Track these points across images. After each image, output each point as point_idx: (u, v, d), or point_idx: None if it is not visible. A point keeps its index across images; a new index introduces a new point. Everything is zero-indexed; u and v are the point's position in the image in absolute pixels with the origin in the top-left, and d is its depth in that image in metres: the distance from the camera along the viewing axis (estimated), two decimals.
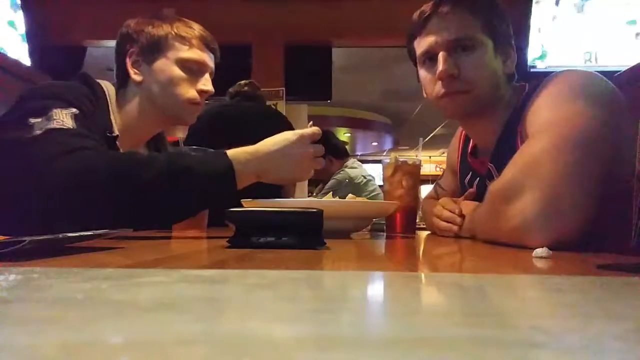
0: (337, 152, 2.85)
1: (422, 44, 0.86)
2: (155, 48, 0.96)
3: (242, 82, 1.85)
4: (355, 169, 2.87)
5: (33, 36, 3.26)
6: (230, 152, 0.77)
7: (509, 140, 0.82)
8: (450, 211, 0.90)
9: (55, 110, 0.77)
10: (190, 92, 0.96)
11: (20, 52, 3.05)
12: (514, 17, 1.01)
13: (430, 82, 0.86)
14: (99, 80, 0.97)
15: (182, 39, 0.96)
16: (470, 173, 0.96)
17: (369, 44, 3.93)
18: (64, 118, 0.77)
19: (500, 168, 0.84)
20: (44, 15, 3.39)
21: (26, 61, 3.12)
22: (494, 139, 0.87)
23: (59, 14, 3.48)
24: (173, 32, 0.96)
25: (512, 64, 0.87)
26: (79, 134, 0.77)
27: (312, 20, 3.50)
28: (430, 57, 0.85)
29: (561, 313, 0.21)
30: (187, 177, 0.72)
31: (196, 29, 1.00)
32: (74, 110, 0.80)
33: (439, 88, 0.84)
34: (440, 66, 0.81)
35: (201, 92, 0.98)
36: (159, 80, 0.96)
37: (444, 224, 0.91)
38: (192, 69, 0.97)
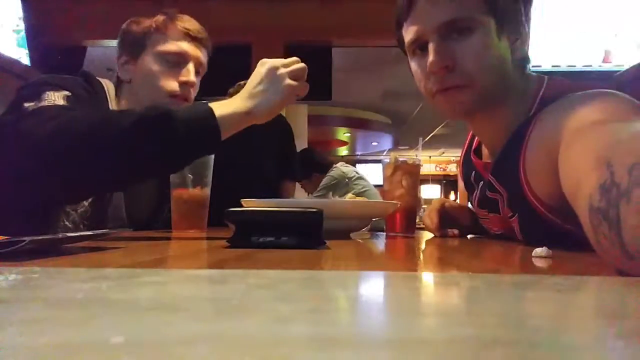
0: (322, 168, 2.83)
1: (409, 31, 0.73)
2: (138, 46, 0.97)
3: (242, 82, 1.86)
4: (347, 167, 2.89)
5: (33, 36, 3.26)
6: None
7: (514, 147, 0.69)
8: (429, 217, 0.95)
9: (47, 92, 0.79)
10: (170, 85, 0.96)
11: (20, 52, 3.06)
12: None
13: (422, 77, 0.73)
14: (99, 78, 0.98)
15: (160, 32, 0.96)
16: (474, 172, 0.89)
17: (369, 44, 3.93)
18: (55, 98, 0.79)
19: (501, 182, 0.75)
20: (44, 15, 3.38)
21: (26, 61, 3.12)
22: (501, 141, 0.74)
23: (59, 14, 3.48)
24: (153, 27, 0.97)
25: (524, 45, 0.73)
26: (67, 108, 0.78)
27: (312, 21, 3.51)
28: (420, 46, 0.73)
29: (562, 313, 0.21)
30: (167, 119, 0.69)
31: (178, 21, 0.98)
32: (66, 92, 0.81)
33: (432, 83, 0.71)
34: (430, 57, 0.68)
35: (182, 84, 0.97)
36: (142, 76, 0.97)
37: (426, 224, 0.97)
38: (172, 61, 0.96)
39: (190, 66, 0.98)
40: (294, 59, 0.80)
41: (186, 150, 0.73)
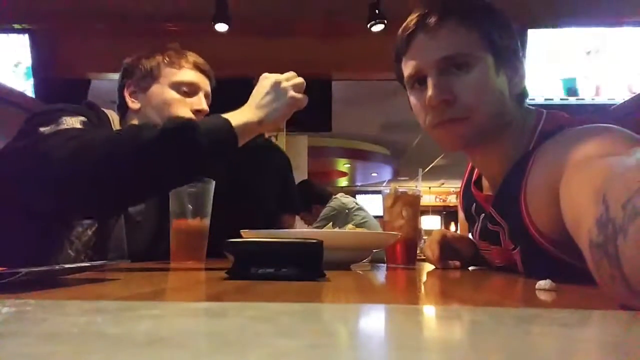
0: (322, 199, 2.85)
1: (408, 65, 0.74)
2: (149, 77, 1.00)
3: None
4: (346, 197, 2.89)
5: (39, 69, 3.33)
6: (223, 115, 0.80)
7: (515, 181, 0.70)
8: (430, 249, 0.93)
9: (64, 117, 0.81)
10: (185, 112, 1.00)
11: (25, 86, 3.11)
12: None
13: (421, 110, 0.74)
14: (103, 109, 1.00)
15: (173, 64, 1.01)
16: (475, 204, 0.88)
17: (368, 77, 4.01)
18: (73, 122, 0.80)
19: (503, 215, 0.75)
20: (49, 49, 3.47)
21: (30, 93, 3.18)
22: (501, 174, 0.74)
23: (65, 48, 3.56)
24: (165, 60, 1.01)
25: (521, 81, 0.74)
26: (87, 131, 0.80)
27: (312, 54, 3.59)
28: (419, 80, 0.73)
29: (567, 348, 0.20)
30: (187, 131, 0.72)
31: (187, 54, 1.04)
32: (82, 118, 0.83)
33: (431, 117, 0.72)
34: (429, 91, 0.69)
35: (196, 112, 1.01)
36: (154, 104, 1.00)
37: (427, 255, 0.95)
38: (185, 91, 1.01)
39: (202, 95, 1.02)
40: (292, 73, 0.87)
41: (208, 159, 0.77)
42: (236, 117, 0.79)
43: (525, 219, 0.68)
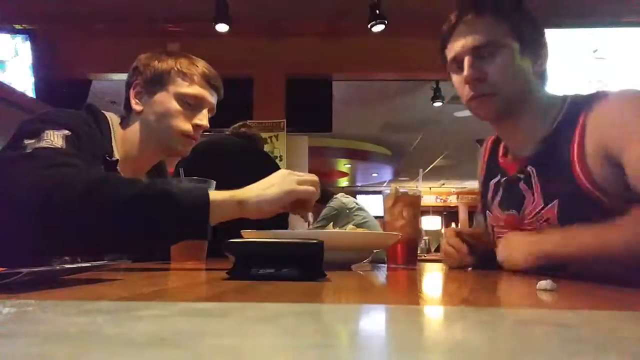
0: (322, 199, 2.83)
1: (450, 51, 0.92)
2: (158, 81, 0.99)
3: (249, 121, 1.93)
4: (347, 197, 2.88)
5: (39, 69, 3.33)
6: (214, 192, 0.76)
7: (558, 146, 0.86)
8: (452, 245, 0.97)
9: (47, 132, 0.79)
10: (185, 126, 0.99)
11: (26, 85, 3.12)
12: None
13: (460, 86, 0.93)
14: (103, 111, 0.99)
15: (184, 75, 0.99)
16: (499, 175, 1.00)
17: (369, 77, 4.01)
18: (54, 138, 0.78)
19: (542, 172, 0.89)
20: (50, 49, 3.47)
21: (31, 94, 3.18)
22: (532, 141, 0.90)
23: (65, 48, 3.56)
24: (176, 68, 0.99)
25: (544, 63, 0.91)
26: (65, 153, 0.78)
27: (312, 55, 3.59)
28: (458, 64, 0.91)
29: (568, 349, 0.20)
30: (161, 202, 0.70)
31: (200, 66, 1.02)
32: (65, 131, 0.81)
33: (467, 91, 0.90)
34: (465, 71, 0.87)
35: (196, 127, 1.00)
36: (156, 111, 0.98)
37: (449, 252, 0.98)
38: (190, 104, 0.99)
39: (205, 111, 1.01)
40: (314, 177, 0.85)
41: (174, 235, 0.76)
42: (219, 193, 0.76)
43: (575, 165, 0.81)
